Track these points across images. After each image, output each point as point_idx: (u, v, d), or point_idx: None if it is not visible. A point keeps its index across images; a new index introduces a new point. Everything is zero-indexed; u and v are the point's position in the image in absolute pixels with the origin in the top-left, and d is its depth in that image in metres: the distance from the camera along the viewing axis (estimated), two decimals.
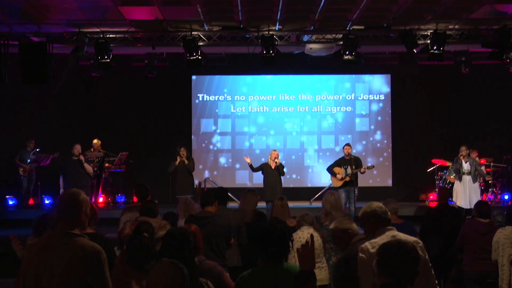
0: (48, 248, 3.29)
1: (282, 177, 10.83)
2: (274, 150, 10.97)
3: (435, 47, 10.77)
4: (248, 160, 11.10)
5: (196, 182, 11.08)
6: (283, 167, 10.80)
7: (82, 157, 10.08)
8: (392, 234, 3.69)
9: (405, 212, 12.28)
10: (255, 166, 11.02)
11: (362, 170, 10.82)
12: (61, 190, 10.65)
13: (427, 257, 3.74)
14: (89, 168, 10.13)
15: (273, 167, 10.67)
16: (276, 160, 10.68)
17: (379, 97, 14.60)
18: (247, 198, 6.85)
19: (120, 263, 4.23)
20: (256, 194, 6.97)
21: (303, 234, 5.53)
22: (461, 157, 11.07)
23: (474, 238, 6.16)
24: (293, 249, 5.33)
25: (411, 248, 2.81)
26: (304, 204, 12.51)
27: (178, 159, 11.01)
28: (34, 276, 3.26)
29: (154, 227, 4.80)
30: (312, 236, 3.42)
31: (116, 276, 4.12)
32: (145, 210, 5.72)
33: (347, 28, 10.90)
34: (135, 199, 6.79)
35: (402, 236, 3.66)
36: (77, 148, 10.15)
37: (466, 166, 11.06)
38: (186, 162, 11.05)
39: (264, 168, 10.80)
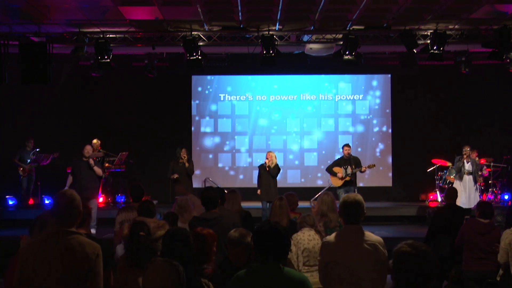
0: (46, 245, 3.32)
1: (277, 178, 10.83)
2: (269, 152, 11.02)
3: (435, 47, 10.77)
4: (259, 192, 10.81)
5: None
6: (278, 169, 10.76)
7: (91, 160, 10.13)
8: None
9: (405, 212, 12.31)
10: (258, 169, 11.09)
11: (362, 169, 10.83)
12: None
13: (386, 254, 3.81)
14: (98, 170, 10.15)
15: (267, 168, 10.74)
16: (270, 160, 10.70)
17: (379, 97, 14.60)
18: (230, 199, 6.75)
19: (121, 264, 4.23)
20: (238, 195, 6.90)
21: (303, 236, 5.47)
22: (465, 156, 11.07)
23: (473, 238, 6.15)
24: (294, 252, 5.34)
25: (426, 253, 2.72)
26: (304, 204, 12.46)
27: (172, 162, 11.18)
28: (31, 274, 3.27)
29: (150, 226, 4.78)
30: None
31: (118, 278, 4.12)
32: (143, 210, 5.71)
33: (347, 28, 10.90)
34: (131, 199, 6.76)
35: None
36: (87, 149, 10.18)
37: (468, 166, 11.07)
38: (187, 164, 11.09)
39: (260, 170, 10.91)
